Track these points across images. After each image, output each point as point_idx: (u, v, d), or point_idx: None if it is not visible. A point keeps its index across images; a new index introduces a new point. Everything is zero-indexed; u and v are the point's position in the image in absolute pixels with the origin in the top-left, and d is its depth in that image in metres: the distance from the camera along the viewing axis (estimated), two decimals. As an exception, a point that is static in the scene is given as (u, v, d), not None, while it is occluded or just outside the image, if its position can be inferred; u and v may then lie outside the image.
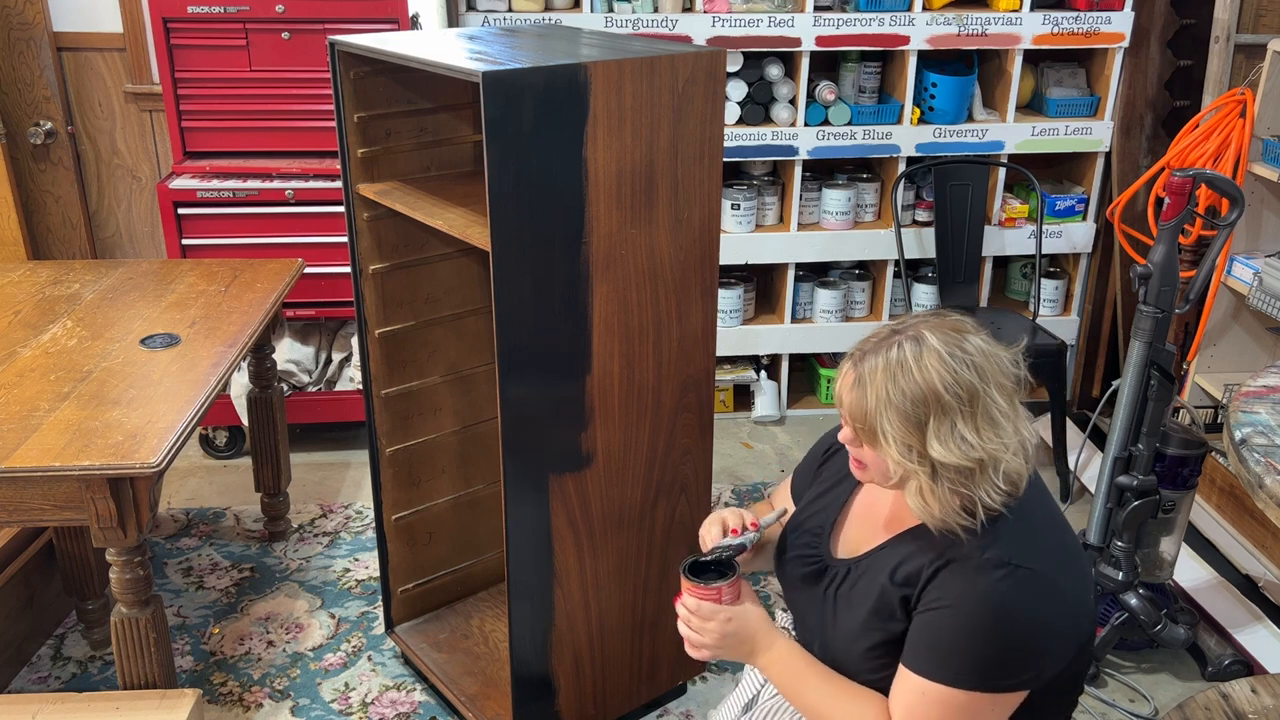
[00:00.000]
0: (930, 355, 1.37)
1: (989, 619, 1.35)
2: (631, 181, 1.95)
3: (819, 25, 3.42)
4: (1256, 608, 2.81)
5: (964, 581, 1.37)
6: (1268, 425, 1.95)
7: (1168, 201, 2.38)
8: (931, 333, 1.39)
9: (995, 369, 1.39)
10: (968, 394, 1.36)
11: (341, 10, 3.20)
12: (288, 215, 3.29)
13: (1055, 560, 1.41)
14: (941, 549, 1.40)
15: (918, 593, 1.41)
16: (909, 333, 1.40)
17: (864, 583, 1.49)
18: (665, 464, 2.21)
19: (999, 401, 1.38)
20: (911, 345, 1.38)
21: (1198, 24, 3.55)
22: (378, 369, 2.42)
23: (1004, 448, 1.37)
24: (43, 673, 2.61)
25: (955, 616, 1.37)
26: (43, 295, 2.64)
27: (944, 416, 1.36)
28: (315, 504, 3.32)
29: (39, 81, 3.63)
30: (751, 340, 3.81)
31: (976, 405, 1.36)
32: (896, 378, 1.37)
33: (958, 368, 1.36)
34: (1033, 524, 1.43)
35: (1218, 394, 3.32)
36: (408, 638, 2.61)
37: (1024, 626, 1.36)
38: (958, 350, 1.37)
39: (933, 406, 1.36)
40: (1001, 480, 1.38)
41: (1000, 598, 1.35)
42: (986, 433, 1.37)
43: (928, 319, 1.42)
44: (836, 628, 1.50)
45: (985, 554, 1.37)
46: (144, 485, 1.96)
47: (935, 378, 1.36)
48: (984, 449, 1.36)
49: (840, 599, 1.51)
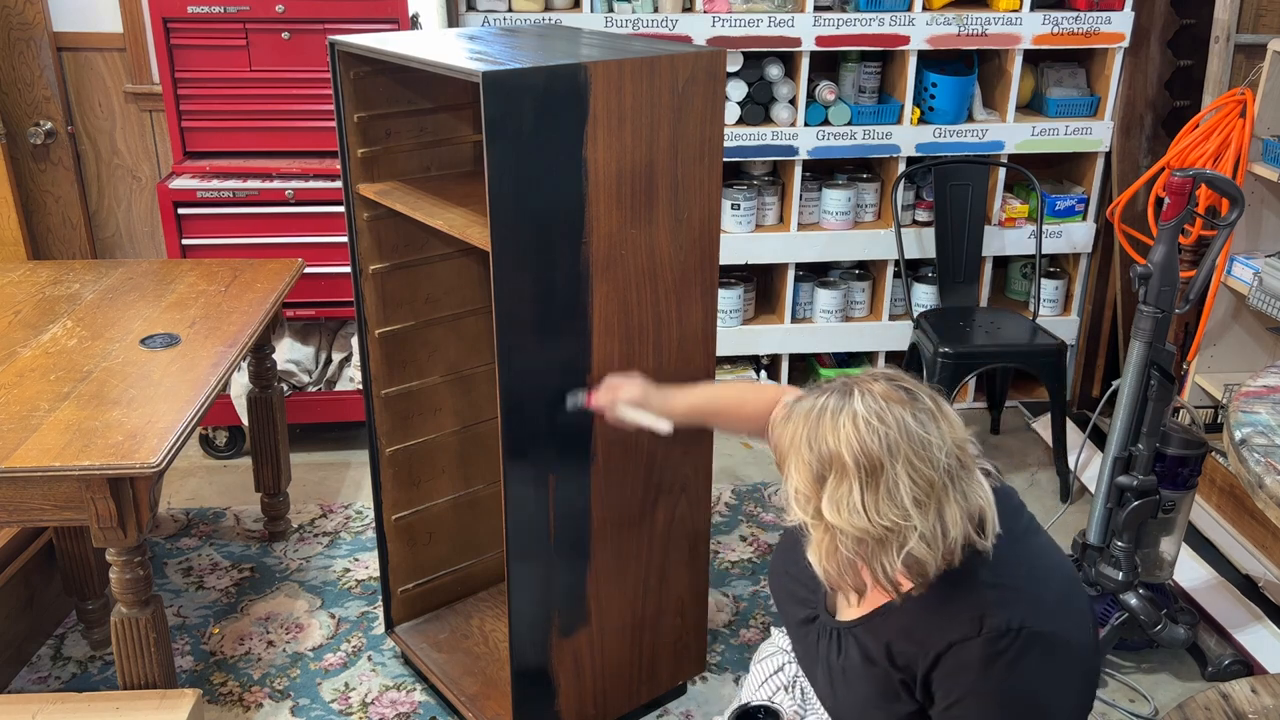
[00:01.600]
0: (846, 416, 1.34)
1: (1008, 693, 1.34)
2: (631, 181, 1.95)
3: (819, 25, 3.42)
4: (1256, 608, 2.81)
5: (971, 668, 1.34)
6: (1268, 425, 1.95)
7: (1168, 201, 2.38)
8: (864, 395, 1.35)
9: (913, 450, 1.33)
10: (870, 465, 1.32)
11: (341, 10, 3.20)
12: (288, 215, 3.29)
13: (1046, 604, 1.38)
14: (933, 630, 1.37)
15: (919, 684, 1.39)
16: (847, 388, 1.38)
17: (856, 658, 1.47)
18: (665, 464, 2.21)
19: (906, 483, 1.32)
20: (837, 400, 1.36)
21: (1198, 24, 3.55)
22: (378, 369, 2.42)
23: (910, 529, 1.32)
24: (43, 673, 2.61)
25: (978, 705, 1.34)
26: (43, 295, 2.64)
27: (842, 480, 1.33)
28: (315, 504, 3.32)
29: (39, 81, 3.63)
30: (751, 340, 3.81)
31: (878, 479, 1.32)
32: (812, 428, 1.36)
33: (867, 437, 1.32)
34: (1017, 576, 1.39)
35: (1218, 394, 3.32)
36: (408, 638, 2.61)
37: (1039, 685, 1.35)
38: (875, 419, 1.33)
39: (834, 467, 1.33)
40: (900, 561, 1.33)
41: (1011, 669, 1.33)
42: (884, 509, 1.32)
43: (881, 378, 1.39)
44: (840, 701, 1.50)
45: (983, 628, 1.33)
46: (144, 485, 1.96)
47: (843, 440, 1.33)
48: (876, 525, 1.32)
49: (835, 671, 1.50)
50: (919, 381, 1.41)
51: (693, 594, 2.38)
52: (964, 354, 3.25)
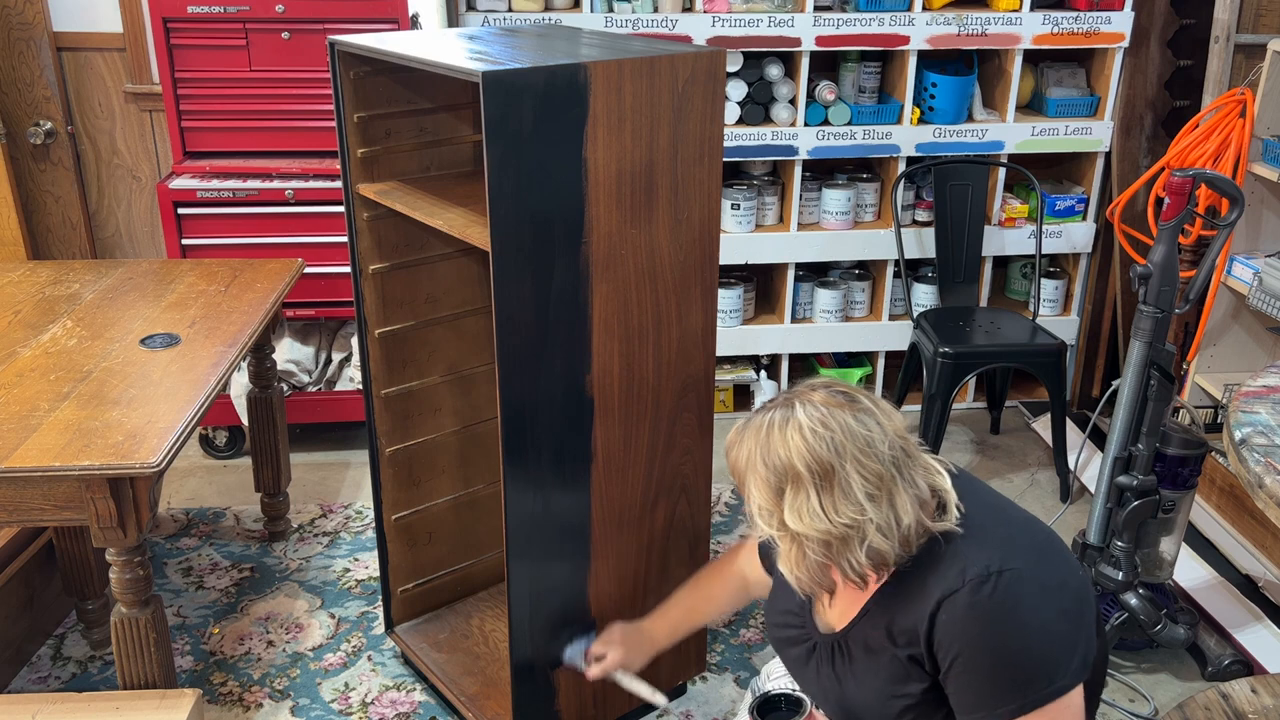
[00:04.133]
0: (792, 428, 1.40)
1: (1002, 637, 1.36)
2: (631, 181, 1.95)
3: (819, 25, 3.42)
4: (1256, 608, 2.81)
5: (961, 619, 1.38)
6: (1268, 425, 1.95)
7: (1168, 201, 2.38)
8: (805, 405, 1.42)
9: (858, 449, 1.39)
10: (821, 470, 1.38)
11: (341, 10, 3.20)
12: (288, 215, 3.29)
13: (1026, 548, 1.43)
14: (923, 594, 1.41)
15: (926, 649, 1.41)
16: (789, 401, 1.43)
17: (861, 654, 1.50)
18: (665, 464, 2.21)
19: (857, 480, 1.39)
20: (782, 414, 1.42)
21: (1198, 24, 3.55)
22: (378, 369, 2.42)
23: (868, 523, 1.39)
24: (43, 673, 2.61)
25: (974, 656, 1.37)
26: (43, 295, 2.64)
27: (800, 488, 1.39)
28: (315, 504, 3.32)
29: (39, 81, 3.63)
30: (751, 340, 3.81)
31: (832, 481, 1.39)
32: (762, 444, 1.41)
33: (815, 444, 1.39)
34: (988, 522, 1.45)
35: (1218, 394, 3.32)
36: (408, 638, 2.61)
37: (1031, 623, 1.37)
38: (819, 426, 1.39)
39: (789, 478, 1.40)
40: (864, 555, 1.40)
41: (999, 611, 1.36)
42: (842, 508, 1.38)
43: (819, 387, 1.45)
44: (854, 700, 1.52)
45: (967, 576, 1.38)
46: (144, 485, 1.97)
47: (793, 450, 1.39)
48: (837, 524, 1.38)
49: (844, 676, 1.53)
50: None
51: (693, 594, 2.38)
52: (964, 354, 3.25)
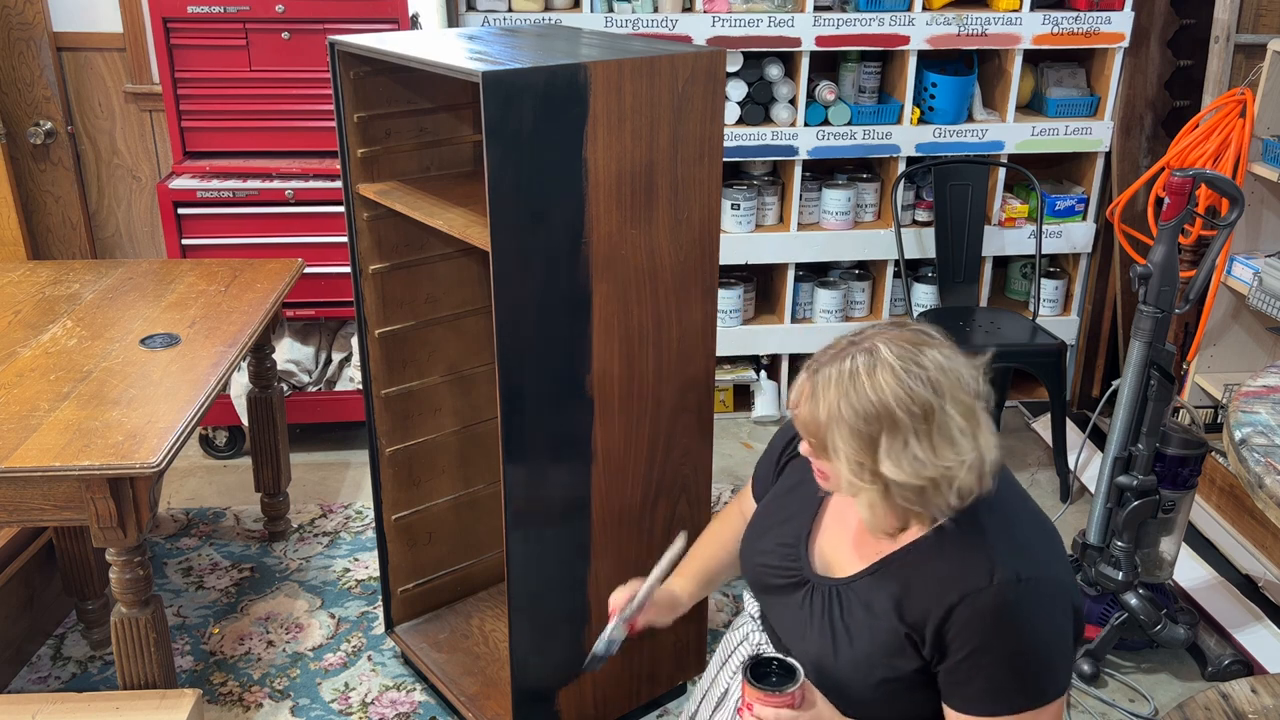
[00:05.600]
0: (884, 370, 1.31)
1: (1020, 642, 1.35)
2: (631, 181, 1.95)
3: (819, 25, 3.42)
4: (1256, 608, 2.81)
5: (984, 618, 1.34)
6: (1268, 425, 1.95)
7: (1168, 201, 2.38)
8: (887, 345, 1.33)
9: (953, 384, 1.33)
10: (922, 411, 1.31)
11: (341, 10, 3.20)
12: (288, 215, 3.29)
13: (1045, 551, 1.41)
14: (943, 584, 1.37)
15: (929, 639, 1.38)
16: (864, 345, 1.35)
17: (859, 613, 1.45)
18: (665, 464, 2.21)
19: (955, 418, 1.32)
20: (865, 359, 1.33)
21: (1198, 24, 3.55)
22: (378, 369, 2.42)
23: (960, 464, 1.32)
24: (43, 673, 2.61)
25: (990, 655, 1.35)
26: (43, 295, 2.64)
27: (896, 434, 1.31)
28: (315, 504, 3.32)
29: (39, 81, 3.63)
30: (751, 340, 3.81)
31: (931, 422, 1.31)
32: (848, 393, 1.32)
33: (912, 384, 1.31)
34: (1015, 518, 1.42)
35: (1218, 394, 3.32)
36: (408, 638, 2.61)
37: (1047, 631, 1.36)
38: (913, 365, 1.32)
39: (885, 423, 1.31)
40: (954, 497, 1.34)
41: (1023, 618, 1.34)
42: (942, 450, 1.32)
43: (886, 330, 1.37)
44: (838, 658, 1.46)
45: (995, 579, 1.34)
46: (144, 485, 1.97)
47: (889, 394, 1.31)
48: (937, 467, 1.32)
49: (837, 628, 1.47)
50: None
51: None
52: (964, 354, 3.24)
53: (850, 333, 1.40)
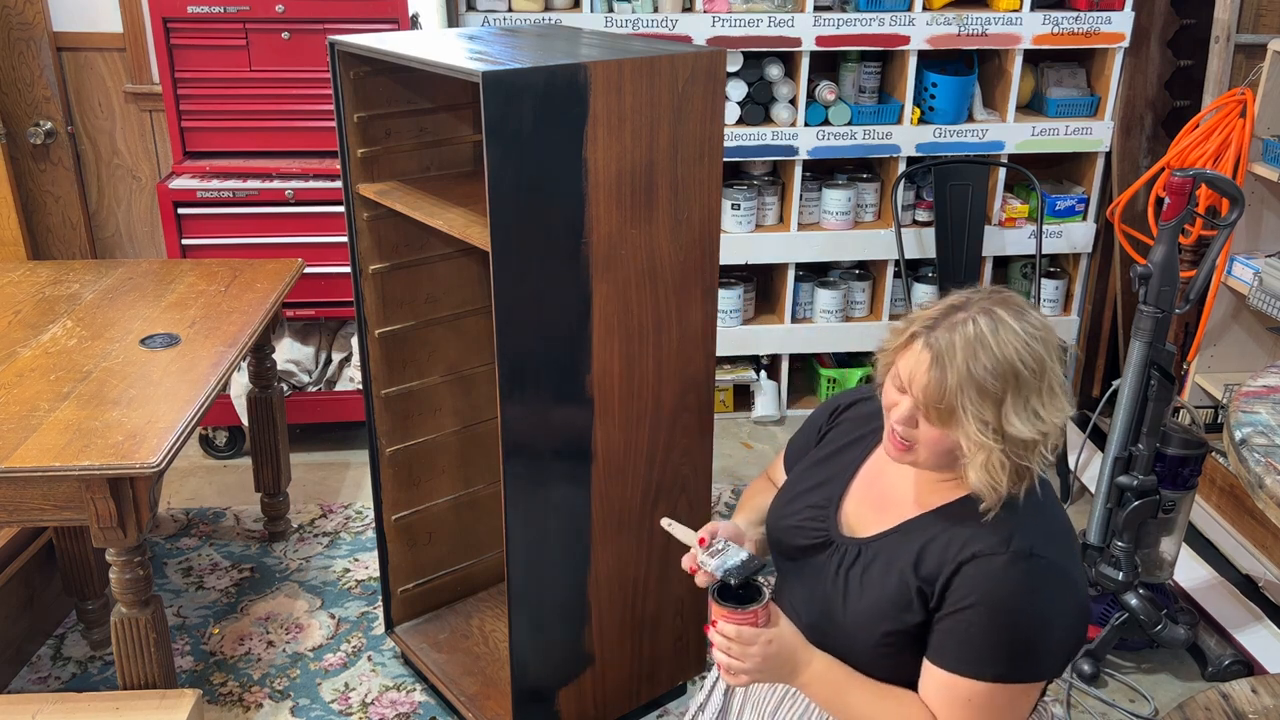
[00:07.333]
0: (1006, 330, 1.38)
1: (1018, 611, 1.38)
2: (631, 181, 1.95)
3: (819, 25, 3.42)
4: (1256, 608, 2.81)
5: (991, 577, 1.38)
6: (1268, 425, 1.95)
7: (1168, 201, 2.38)
8: (1002, 308, 1.41)
9: (1053, 343, 1.41)
10: (1039, 367, 1.39)
11: (341, 10, 3.20)
12: (288, 215, 3.29)
13: (1067, 549, 1.44)
14: (962, 543, 1.41)
15: (938, 591, 1.42)
16: (977, 308, 1.41)
17: (878, 568, 1.49)
18: (665, 464, 2.21)
19: (1059, 374, 1.41)
20: (987, 321, 1.39)
21: (1198, 24, 3.55)
22: (378, 369, 2.42)
23: (1064, 417, 1.41)
24: (43, 673, 2.61)
25: (986, 614, 1.38)
26: (43, 295, 2.64)
27: (1020, 391, 1.38)
28: (315, 504, 3.32)
29: (39, 81, 3.63)
30: (751, 340, 3.81)
31: (1044, 379, 1.39)
32: (978, 354, 1.38)
33: (1030, 342, 1.38)
34: (1047, 511, 1.46)
35: (1218, 394, 3.32)
36: (408, 638, 2.61)
37: (1047, 613, 1.38)
38: (1028, 325, 1.39)
39: (1010, 382, 1.38)
40: (1050, 452, 1.41)
41: (1028, 588, 1.38)
42: (1052, 404, 1.39)
43: (990, 295, 1.44)
44: (847, 609, 1.50)
45: (1011, 546, 1.39)
46: (144, 485, 1.96)
47: (1013, 353, 1.37)
48: (1050, 421, 1.39)
49: (852, 581, 1.51)
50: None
51: (692, 594, 2.38)
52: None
53: (950, 299, 1.45)
